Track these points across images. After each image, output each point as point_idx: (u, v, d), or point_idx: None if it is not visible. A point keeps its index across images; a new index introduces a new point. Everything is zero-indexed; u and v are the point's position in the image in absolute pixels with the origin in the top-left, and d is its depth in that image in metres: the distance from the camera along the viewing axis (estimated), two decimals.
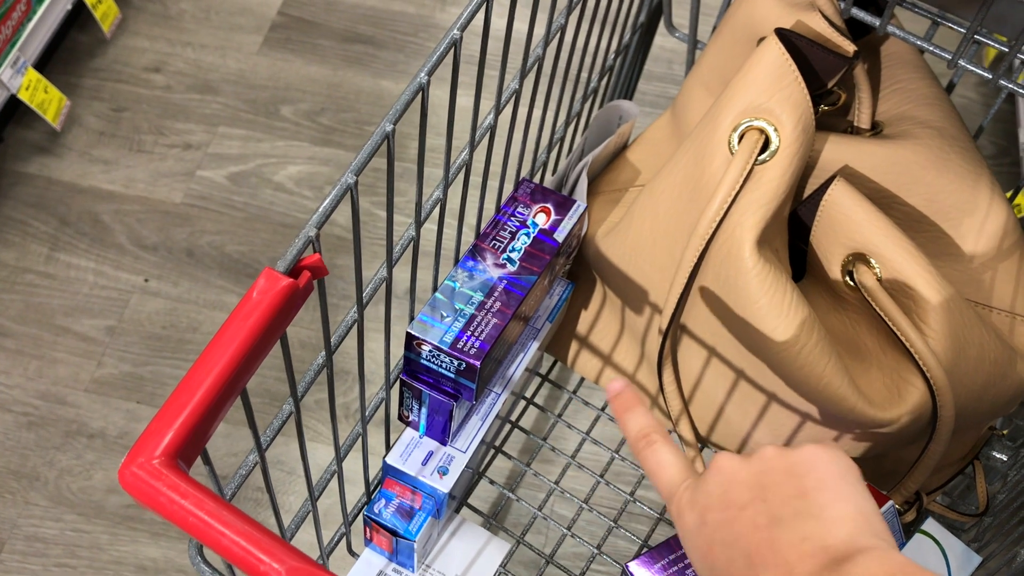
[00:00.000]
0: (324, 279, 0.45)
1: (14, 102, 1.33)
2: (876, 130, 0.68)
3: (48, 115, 1.37)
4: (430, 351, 0.60)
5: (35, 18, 1.34)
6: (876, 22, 0.62)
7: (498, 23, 1.35)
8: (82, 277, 1.31)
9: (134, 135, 1.43)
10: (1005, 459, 0.80)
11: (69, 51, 1.50)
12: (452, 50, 0.48)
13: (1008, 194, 0.75)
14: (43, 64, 1.43)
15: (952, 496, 0.83)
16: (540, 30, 0.58)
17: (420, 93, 0.47)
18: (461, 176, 0.59)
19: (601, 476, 0.75)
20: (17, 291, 1.30)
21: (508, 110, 0.59)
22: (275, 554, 0.35)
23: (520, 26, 0.54)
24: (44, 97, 1.36)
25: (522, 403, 0.79)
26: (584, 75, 0.72)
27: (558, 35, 0.62)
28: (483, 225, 0.66)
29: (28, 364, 1.24)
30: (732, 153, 0.59)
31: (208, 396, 0.38)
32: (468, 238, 0.65)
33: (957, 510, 0.75)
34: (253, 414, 0.44)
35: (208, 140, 1.43)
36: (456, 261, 0.65)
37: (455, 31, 0.48)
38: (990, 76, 0.60)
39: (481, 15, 0.51)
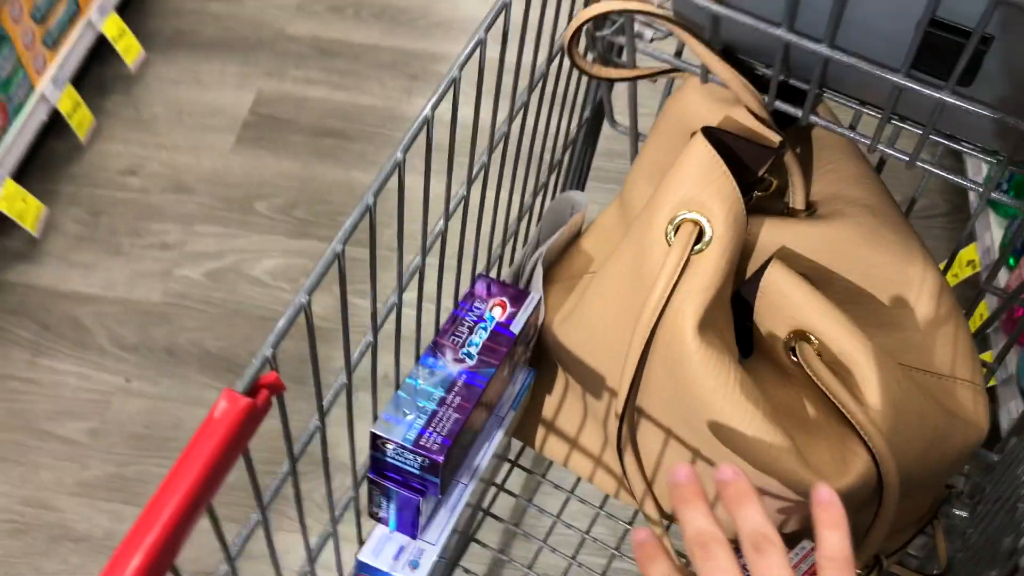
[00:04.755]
0: (286, 382, 0.48)
1: None
2: (810, 210, 0.72)
3: (27, 223, 1.40)
4: (394, 449, 0.62)
5: (12, 132, 1.38)
6: (799, 113, 0.66)
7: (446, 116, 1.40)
8: (64, 380, 1.33)
9: (111, 238, 1.47)
10: (965, 515, 0.82)
11: (46, 159, 1.54)
12: (397, 170, 0.52)
13: (943, 265, 0.78)
14: (21, 174, 1.47)
15: (920, 556, 0.85)
16: (486, 127, 0.62)
17: (367, 213, 0.50)
18: (416, 278, 0.63)
19: (573, 558, 0.77)
20: (0, 398, 1.31)
21: (460, 212, 0.63)
22: None
23: (468, 120, 0.58)
24: (23, 207, 1.40)
25: (494, 490, 0.81)
26: (534, 171, 0.76)
27: (502, 141, 0.66)
28: (442, 322, 0.69)
29: (12, 471, 1.26)
30: (669, 244, 0.62)
31: (174, 517, 0.41)
32: (428, 331, 0.68)
33: (921, 570, 0.77)
34: (221, 528, 0.46)
35: (184, 239, 1.46)
36: (418, 357, 0.67)
37: (398, 154, 0.51)
38: (907, 159, 0.64)
39: (423, 135, 0.54)
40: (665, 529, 0.74)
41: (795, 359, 0.66)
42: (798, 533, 0.71)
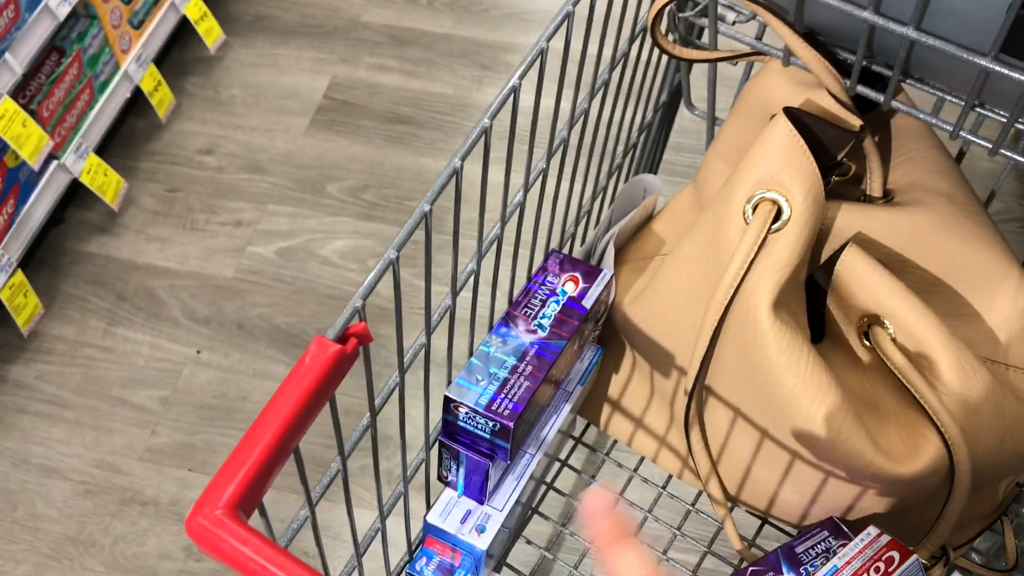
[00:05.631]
0: (369, 345, 0.50)
1: (75, 185, 1.41)
2: (888, 198, 0.72)
3: (107, 197, 1.45)
4: (467, 413, 0.64)
5: (97, 107, 1.43)
6: (881, 98, 0.66)
7: (527, 99, 1.42)
8: (138, 350, 1.37)
9: (187, 214, 1.51)
10: None
11: (127, 136, 1.59)
12: (483, 137, 0.53)
13: None
14: (103, 149, 1.52)
15: (988, 555, 0.84)
16: (567, 106, 0.63)
17: (454, 176, 0.52)
18: (494, 249, 0.64)
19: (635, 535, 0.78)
20: (77, 364, 1.36)
21: (537, 186, 0.64)
22: None
23: (548, 102, 0.59)
24: (104, 180, 1.44)
25: (557, 465, 0.82)
26: (609, 152, 0.77)
27: (582, 117, 0.67)
28: (515, 294, 0.70)
29: (86, 434, 1.30)
30: (747, 223, 0.63)
31: (265, 453, 0.43)
32: (501, 304, 0.69)
33: (988, 566, 0.77)
34: (305, 471, 0.48)
35: (258, 217, 1.50)
36: (491, 327, 0.69)
37: (485, 119, 0.53)
38: (990, 146, 0.64)
39: (510, 102, 0.56)
40: (729, 511, 0.74)
41: (868, 343, 0.66)
42: (864, 519, 0.71)
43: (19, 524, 1.22)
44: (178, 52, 1.68)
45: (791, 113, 0.63)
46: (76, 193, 1.50)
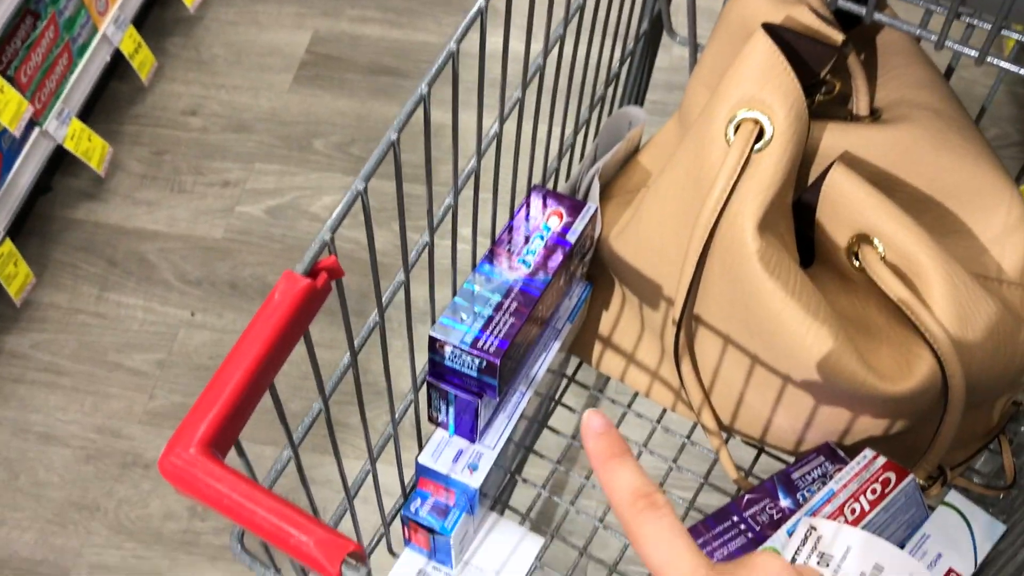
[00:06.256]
0: (342, 283, 0.49)
1: (60, 152, 1.40)
2: (875, 116, 0.70)
3: (93, 162, 1.44)
4: (452, 351, 0.63)
5: (77, 71, 1.41)
6: (863, 11, 0.64)
7: (497, 39, 1.39)
8: (131, 314, 1.37)
9: (174, 176, 1.49)
10: None
11: (110, 100, 1.57)
12: (450, 62, 0.52)
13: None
14: (86, 114, 1.50)
15: (987, 476, 0.83)
16: (538, 47, 0.62)
17: (422, 103, 0.50)
18: (472, 188, 0.63)
19: None
20: (71, 331, 1.36)
21: (516, 121, 0.63)
22: (304, 527, 0.38)
23: (520, 41, 0.58)
24: (88, 145, 1.43)
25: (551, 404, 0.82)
26: (590, 83, 0.75)
27: (558, 45, 0.65)
28: (498, 232, 0.69)
29: (84, 400, 1.30)
30: (729, 144, 0.61)
31: (237, 390, 0.42)
32: (484, 248, 0.68)
33: (987, 485, 0.76)
34: (283, 408, 0.47)
35: (245, 177, 1.48)
36: (473, 267, 0.68)
37: (452, 44, 0.51)
38: (975, 54, 0.62)
39: (478, 27, 0.54)
40: (723, 441, 0.74)
41: (858, 264, 0.65)
42: (861, 443, 0.70)
43: (22, 492, 1.23)
44: (157, 13, 1.66)
45: (770, 29, 0.62)
46: (62, 160, 1.49)
